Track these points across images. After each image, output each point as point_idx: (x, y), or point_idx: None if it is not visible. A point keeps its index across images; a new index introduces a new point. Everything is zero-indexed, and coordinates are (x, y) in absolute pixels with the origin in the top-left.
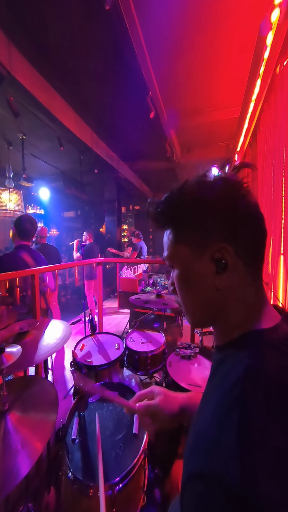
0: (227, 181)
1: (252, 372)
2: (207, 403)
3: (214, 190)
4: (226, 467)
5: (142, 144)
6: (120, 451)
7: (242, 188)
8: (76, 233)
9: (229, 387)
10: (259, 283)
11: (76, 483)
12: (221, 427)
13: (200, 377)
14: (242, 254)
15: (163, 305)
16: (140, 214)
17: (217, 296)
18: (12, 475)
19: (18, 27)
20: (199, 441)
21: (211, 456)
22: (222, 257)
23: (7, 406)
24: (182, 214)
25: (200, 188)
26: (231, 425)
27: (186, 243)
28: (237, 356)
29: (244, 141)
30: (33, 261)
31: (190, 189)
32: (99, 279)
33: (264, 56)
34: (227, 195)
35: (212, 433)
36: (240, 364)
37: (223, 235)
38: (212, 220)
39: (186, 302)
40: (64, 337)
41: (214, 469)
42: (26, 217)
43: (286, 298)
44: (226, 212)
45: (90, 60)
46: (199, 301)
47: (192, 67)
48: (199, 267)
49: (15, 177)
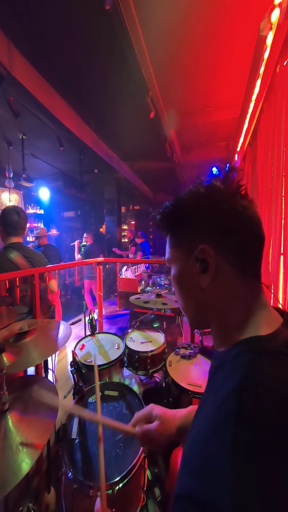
0: (211, 186)
1: (246, 385)
2: (201, 414)
3: (196, 196)
4: (217, 494)
5: (143, 144)
6: (120, 451)
7: (226, 192)
8: (76, 233)
9: (222, 400)
10: (253, 285)
11: (76, 483)
12: (212, 445)
13: (200, 377)
14: (226, 255)
15: (163, 305)
16: (141, 214)
17: (203, 296)
18: (12, 474)
19: (18, 27)
20: (190, 457)
21: (202, 478)
22: (203, 257)
23: (7, 405)
24: (173, 221)
25: (186, 196)
26: (223, 445)
27: (178, 246)
28: (232, 365)
29: (244, 141)
30: (26, 262)
31: (178, 198)
32: (99, 279)
33: (264, 56)
34: (209, 200)
35: (203, 450)
36: (235, 375)
37: (205, 237)
38: (196, 224)
39: (181, 302)
40: (64, 337)
41: (204, 493)
42: (10, 208)
43: (286, 299)
44: (207, 216)
45: (90, 60)
46: (189, 300)
47: (192, 67)
48: (187, 267)
49: (15, 177)
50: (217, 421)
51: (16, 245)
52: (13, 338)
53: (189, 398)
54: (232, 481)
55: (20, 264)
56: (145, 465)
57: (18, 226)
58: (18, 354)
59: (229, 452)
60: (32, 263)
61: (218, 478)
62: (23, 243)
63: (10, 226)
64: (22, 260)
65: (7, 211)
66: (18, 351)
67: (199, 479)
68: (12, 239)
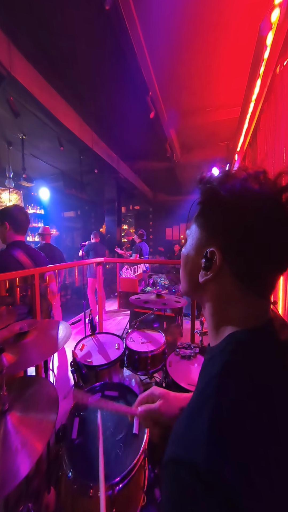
0: (259, 195)
1: (228, 368)
2: (190, 400)
3: (241, 200)
4: (195, 452)
5: (142, 144)
6: (120, 451)
7: (264, 207)
8: (76, 233)
9: (206, 382)
10: (254, 303)
11: (76, 483)
12: (195, 418)
13: None
14: (234, 269)
15: (163, 305)
16: (141, 214)
17: (199, 286)
18: (12, 475)
19: (18, 27)
20: (177, 431)
21: (183, 443)
22: (210, 257)
23: (7, 406)
24: (210, 204)
25: (246, 197)
26: (203, 417)
27: (202, 228)
28: (220, 355)
29: (244, 141)
30: (30, 260)
31: (229, 187)
32: (100, 279)
33: (264, 56)
34: (243, 209)
35: (187, 423)
36: (220, 361)
37: (221, 243)
38: (220, 224)
39: (181, 272)
40: (64, 337)
41: (184, 453)
42: (18, 208)
43: (286, 300)
44: (232, 223)
45: (90, 60)
46: (187, 277)
47: (192, 67)
48: (197, 256)
49: (15, 177)
50: (200, 400)
51: (20, 243)
52: (13, 338)
53: None
54: (207, 442)
55: (23, 262)
56: (145, 465)
57: (25, 226)
58: (18, 354)
59: (208, 422)
60: (35, 262)
61: (197, 442)
62: (25, 242)
63: (18, 225)
64: (25, 258)
65: (18, 210)
66: (18, 351)
67: (182, 446)
68: (16, 237)
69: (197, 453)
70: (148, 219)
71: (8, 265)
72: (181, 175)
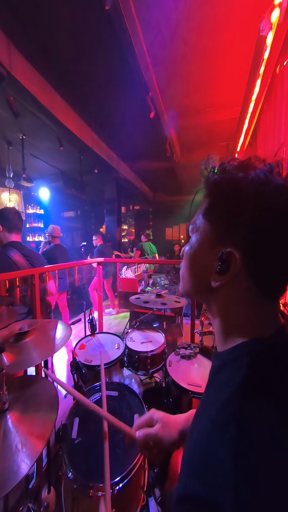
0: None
1: (249, 386)
2: (202, 414)
3: (271, 194)
4: (220, 494)
5: (143, 144)
6: (120, 451)
7: None
8: (76, 233)
9: (224, 401)
10: (267, 307)
11: (76, 483)
12: (216, 446)
13: (200, 377)
14: (252, 272)
15: (163, 305)
16: (141, 214)
17: (209, 290)
18: (12, 475)
19: (18, 27)
20: (192, 457)
21: (204, 478)
22: (228, 260)
23: (7, 405)
24: (230, 197)
25: (259, 186)
26: (226, 445)
27: (214, 224)
28: (233, 367)
29: (244, 141)
30: (26, 261)
31: (251, 179)
32: (99, 279)
33: (264, 56)
34: (274, 204)
35: (206, 450)
36: (236, 376)
37: (240, 242)
38: (242, 220)
39: (183, 272)
40: (64, 337)
41: (207, 493)
42: (10, 209)
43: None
44: (259, 218)
45: (90, 60)
46: (192, 279)
47: (192, 67)
48: (207, 255)
49: (15, 177)
50: (219, 422)
51: (16, 244)
52: (13, 338)
53: (188, 398)
54: (234, 481)
55: (19, 263)
56: (145, 465)
57: (18, 226)
58: (18, 354)
59: (232, 453)
60: (31, 263)
61: (221, 479)
62: (21, 243)
63: (11, 225)
64: (21, 259)
65: (9, 210)
66: (18, 351)
67: (203, 481)
68: (12, 237)
69: (222, 494)
70: (148, 219)
71: (3, 266)
72: (181, 175)
